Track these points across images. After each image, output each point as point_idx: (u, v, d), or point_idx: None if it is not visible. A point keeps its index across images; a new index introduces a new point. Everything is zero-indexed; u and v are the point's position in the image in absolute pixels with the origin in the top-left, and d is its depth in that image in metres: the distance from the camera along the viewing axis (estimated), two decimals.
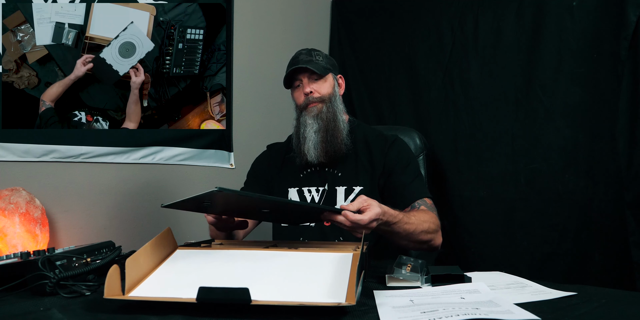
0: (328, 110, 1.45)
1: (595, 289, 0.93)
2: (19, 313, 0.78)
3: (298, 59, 1.47)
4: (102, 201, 1.78)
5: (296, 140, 1.48)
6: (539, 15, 1.59)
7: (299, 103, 1.48)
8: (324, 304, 0.74)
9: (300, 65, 1.43)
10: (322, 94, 1.46)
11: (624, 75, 1.39)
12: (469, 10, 1.79)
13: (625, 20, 1.37)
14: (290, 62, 1.50)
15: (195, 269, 0.93)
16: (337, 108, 1.47)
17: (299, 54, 1.50)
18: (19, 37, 1.64)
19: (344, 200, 1.41)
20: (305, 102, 1.45)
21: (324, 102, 1.45)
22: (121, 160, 1.82)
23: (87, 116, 1.74)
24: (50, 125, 1.67)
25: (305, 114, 1.46)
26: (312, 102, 1.45)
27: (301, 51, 1.51)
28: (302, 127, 1.46)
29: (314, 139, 1.43)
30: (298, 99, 1.49)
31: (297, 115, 1.50)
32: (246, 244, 1.19)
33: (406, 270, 0.97)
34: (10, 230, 1.45)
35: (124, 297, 0.78)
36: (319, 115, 1.44)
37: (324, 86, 1.47)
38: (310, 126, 1.44)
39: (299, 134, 1.47)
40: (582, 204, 1.49)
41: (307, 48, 1.53)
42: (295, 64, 1.45)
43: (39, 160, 1.66)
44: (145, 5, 1.84)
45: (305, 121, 1.45)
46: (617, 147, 1.40)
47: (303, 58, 1.47)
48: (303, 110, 1.47)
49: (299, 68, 1.44)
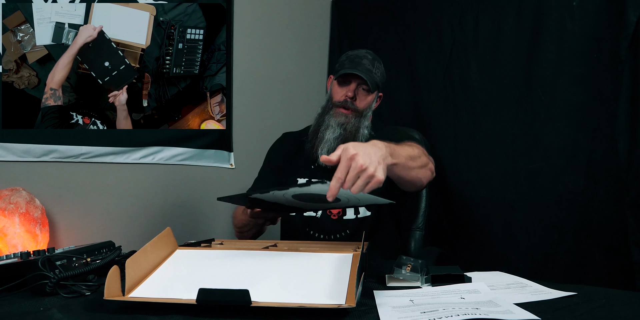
0: (354, 124, 1.46)
1: (595, 289, 0.93)
2: (19, 313, 0.78)
3: (361, 62, 1.46)
4: (102, 201, 1.79)
5: (313, 131, 1.49)
6: (539, 16, 1.58)
7: (336, 99, 1.48)
8: (324, 306, 0.74)
9: (361, 74, 1.43)
10: (360, 106, 1.47)
11: (624, 75, 1.38)
12: (469, 10, 1.79)
13: (625, 20, 1.37)
14: (348, 61, 1.48)
15: (196, 269, 0.93)
16: (363, 124, 1.48)
17: (364, 56, 1.49)
18: (19, 37, 1.64)
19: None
20: (342, 103, 1.46)
21: (356, 115, 1.46)
22: (121, 160, 1.82)
23: (83, 119, 1.74)
24: (47, 119, 1.66)
25: (333, 114, 1.46)
26: (346, 108, 1.46)
27: (366, 55, 1.50)
28: (324, 125, 1.46)
29: (330, 144, 1.44)
30: (337, 94, 1.49)
31: (326, 108, 1.50)
32: (246, 243, 1.19)
33: (406, 270, 0.97)
34: (10, 230, 1.45)
35: (124, 298, 0.78)
36: (344, 125, 1.45)
37: (367, 99, 1.48)
38: (332, 129, 1.45)
39: (319, 129, 1.47)
40: (582, 204, 1.49)
41: (372, 55, 1.52)
42: (356, 67, 1.45)
43: (39, 160, 1.66)
44: (145, 5, 1.84)
45: (330, 122, 1.46)
46: (617, 147, 1.39)
47: (366, 64, 1.47)
48: (333, 108, 1.47)
49: (357, 74, 1.43)
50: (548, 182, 1.56)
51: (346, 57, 1.52)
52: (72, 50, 1.68)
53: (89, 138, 1.75)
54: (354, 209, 1.46)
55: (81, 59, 1.71)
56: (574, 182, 1.50)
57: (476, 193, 1.75)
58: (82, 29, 1.69)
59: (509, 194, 1.65)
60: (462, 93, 1.81)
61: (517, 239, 1.63)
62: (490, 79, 1.73)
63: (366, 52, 1.51)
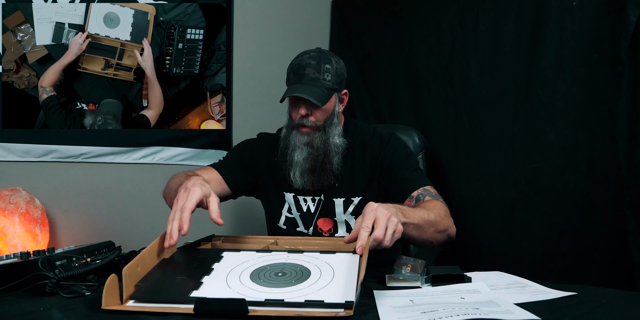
0: (320, 138, 1.35)
1: (595, 289, 0.93)
2: (19, 313, 0.78)
3: (304, 73, 1.32)
4: (102, 201, 1.79)
5: (282, 151, 1.40)
6: (539, 16, 1.58)
7: (293, 118, 1.38)
8: (322, 314, 0.74)
9: (301, 94, 1.29)
10: (319, 119, 1.36)
11: (624, 75, 1.38)
12: (469, 10, 1.79)
13: (625, 20, 1.36)
14: (292, 74, 1.34)
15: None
16: (331, 134, 1.37)
17: (306, 65, 1.32)
18: (19, 37, 1.64)
19: (343, 213, 1.38)
20: (299, 122, 1.35)
21: (318, 130, 1.36)
22: (121, 160, 1.82)
23: (88, 106, 1.74)
24: (51, 112, 1.67)
25: (297, 134, 1.37)
26: (305, 126, 1.35)
27: (309, 62, 1.33)
28: (290, 146, 1.37)
29: (302, 166, 1.36)
30: (292, 113, 1.39)
31: (288, 127, 1.40)
32: (246, 240, 1.18)
33: (406, 270, 0.97)
34: (10, 230, 1.45)
35: (121, 308, 0.77)
36: (309, 144, 1.35)
37: (324, 111, 1.36)
38: (299, 150, 1.36)
39: (287, 150, 1.38)
40: (582, 204, 1.49)
41: (317, 53, 1.35)
42: (299, 80, 1.32)
43: (39, 160, 1.66)
44: (145, 5, 1.84)
45: (295, 142, 1.37)
46: (617, 147, 1.39)
47: (310, 73, 1.31)
48: (295, 129, 1.37)
49: (296, 94, 1.29)
50: (548, 182, 1.56)
51: (291, 67, 1.36)
52: (64, 60, 1.69)
53: (89, 138, 1.75)
54: (346, 228, 1.39)
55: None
56: (574, 182, 1.50)
57: (476, 193, 1.75)
58: (72, 41, 1.70)
59: (509, 194, 1.65)
60: (462, 93, 1.81)
61: (517, 239, 1.63)
62: (490, 79, 1.73)
63: (310, 57, 1.33)
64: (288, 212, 1.43)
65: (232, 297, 0.77)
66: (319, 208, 1.40)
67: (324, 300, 0.77)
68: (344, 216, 1.38)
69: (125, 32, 1.80)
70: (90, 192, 1.76)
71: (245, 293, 0.80)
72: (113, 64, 1.79)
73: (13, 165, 1.62)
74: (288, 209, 1.43)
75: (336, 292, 0.80)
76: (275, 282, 0.85)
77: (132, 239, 1.71)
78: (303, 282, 0.85)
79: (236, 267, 0.92)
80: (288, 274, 0.89)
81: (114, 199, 1.81)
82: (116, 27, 1.78)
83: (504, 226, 1.67)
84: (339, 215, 1.38)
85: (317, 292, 0.81)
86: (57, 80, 1.68)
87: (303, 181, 1.36)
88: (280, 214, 1.44)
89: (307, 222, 1.41)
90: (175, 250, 1.03)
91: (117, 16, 1.78)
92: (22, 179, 1.62)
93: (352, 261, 0.93)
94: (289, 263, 0.94)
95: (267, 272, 0.90)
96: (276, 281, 0.86)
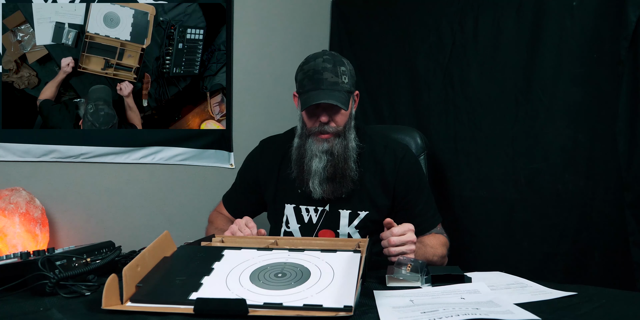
0: (341, 144, 1.30)
1: (595, 289, 0.93)
2: (19, 313, 0.78)
3: (322, 79, 1.24)
4: (102, 201, 1.79)
5: (297, 161, 1.34)
6: (539, 15, 1.58)
7: (309, 126, 1.31)
8: (322, 315, 0.74)
9: (329, 100, 1.22)
10: (339, 124, 1.30)
11: (624, 75, 1.38)
12: (469, 10, 1.79)
13: (625, 20, 1.37)
14: (307, 80, 1.26)
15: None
16: (349, 138, 1.32)
17: (323, 69, 1.25)
18: (19, 37, 1.64)
19: (347, 225, 1.35)
20: (318, 129, 1.29)
21: (338, 136, 1.30)
22: (121, 160, 1.82)
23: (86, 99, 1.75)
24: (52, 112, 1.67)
25: (314, 142, 1.30)
26: (325, 133, 1.29)
27: (325, 66, 1.25)
28: (307, 154, 1.31)
29: (321, 175, 1.30)
30: (308, 122, 1.31)
31: (302, 135, 1.34)
32: (246, 240, 1.18)
33: (406, 271, 0.97)
34: (10, 230, 1.45)
35: (121, 308, 0.77)
36: (329, 151, 1.29)
37: (344, 116, 1.30)
38: (317, 158, 1.30)
39: (302, 159, 1.32)
40: (582, 204, 1.49)
41: (330, 56, 1.29)
42: (319, 86, 1.24)
43: (39, 160, 1.66)
44: (145, 5, 1.84)
45: (312, 151, 1.30)
46: (617, 147, 1.39)
47: (329, 78, 1.24)
48: (312, 136, 1.31)
49: (323, 101, 1.23)
50: (548, 182, 1.56)
51: (303, 74, 1.28)
52: (57, 78, 1.70)
53: (89, 138, 1.75)
54: (347, 234, 1.36)
55: None
56: (574, 182, 1.50)
57: (476, 193, 1.75)
58: (63, 61, 1.71)
59: (509, 194, 1.65)
60: (462, 93, 1.81)
61: (517, 239, 1.63)
62: (490, 79, 1.73)
63: (324, 60, 1.27)
64: (286, 225, 1.40)
65: (232, 298, 0.78)
66: (322, 219, 1.36)
67: (322, 304, 0.77)
68: (348, 229, 1.35)
69: (125, 32, 1.80)
70: (90, 192, 1.76)
71: (245, 296, 0.80)
72: (113, 64, 1.79)
73: (13, 165, 1.62)
74: (286, 221, 1.40)
75: (335, 295, 0.80)
76: (274, 284, 0.85)
77: (132, 239, 1.71)
78: (302, 284, 0.85)
79: (236, 266, 0.92)
80: (288, 274, 0.89)
81: (114, 199, 1.81)
82: (116, 27, 1.78)
83: (504, 226, 1.67)
84: (343, 228, 1.35)
85: (316, 295, 0.81)
86: (54, 95, 1.70)
87: (322, 190, 1.31)
88: (280, 229, 1.41)
89: (307, 234, 1.37)
90: (175, 249, 1.03)
91: (117, 16, 1.78)
92: (22, 179, 1.62)
93: (352, 260, 0.93)
94: (289, 263, 0.94)
95: (267, 273, 0.89)
96: (276, 283, 0.86)
